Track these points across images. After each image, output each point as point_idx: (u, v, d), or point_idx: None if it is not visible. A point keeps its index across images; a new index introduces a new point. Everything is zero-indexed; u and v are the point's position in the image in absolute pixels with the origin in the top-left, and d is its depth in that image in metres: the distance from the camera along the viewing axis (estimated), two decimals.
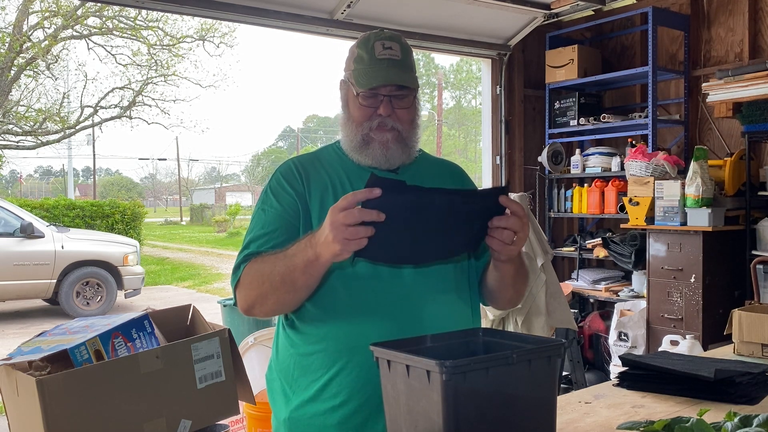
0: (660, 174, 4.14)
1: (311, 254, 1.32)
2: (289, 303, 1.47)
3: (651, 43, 4.38)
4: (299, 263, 1.35)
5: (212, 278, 13.23)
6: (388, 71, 1.50)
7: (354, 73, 1.53)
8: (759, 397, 1.60)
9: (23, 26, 14.21)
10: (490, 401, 1.11)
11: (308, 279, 1.37)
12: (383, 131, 1.52)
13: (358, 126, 1.53)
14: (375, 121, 1.51)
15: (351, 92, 1.54)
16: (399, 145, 1.53)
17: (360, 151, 1.54)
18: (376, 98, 1.51)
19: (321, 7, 4.02)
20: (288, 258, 1.37)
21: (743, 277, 3.89)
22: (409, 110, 1.54)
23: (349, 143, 1.56)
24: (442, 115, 29.77)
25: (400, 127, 1.52)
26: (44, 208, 13.37)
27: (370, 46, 1.52)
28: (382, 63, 1.50)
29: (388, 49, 1.51)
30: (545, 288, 3.68)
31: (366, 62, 1.51)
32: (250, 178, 47.02)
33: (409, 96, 1.54)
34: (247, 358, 3.23)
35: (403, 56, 1.53)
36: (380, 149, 1.52)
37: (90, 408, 1.67)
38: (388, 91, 1.50)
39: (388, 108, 1.51)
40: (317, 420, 1.49)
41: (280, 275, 1.38)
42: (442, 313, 1.50)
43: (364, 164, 1.55)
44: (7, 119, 14.84)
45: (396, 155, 1.53)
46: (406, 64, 1.53)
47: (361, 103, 1.52)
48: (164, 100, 17.45)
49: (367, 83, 1.49)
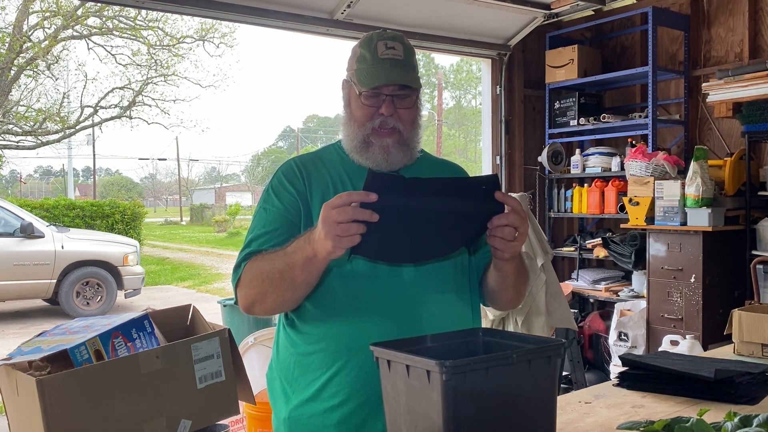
0: (660, 174, 4.14)
1: (309, 251, 1.32)
2: (289, 300, 1.47)
3: (651, 43, 4.39)
4: (298, 260, 1.35)
5: (212, 278, 13.23)
6: (391, 71, 1.50)
7: (356, 72, 1.53)
8: (759, 397, 1.60)
9: (23, 26, 14.22)
10: (490, 401, 1.11)
11: (307, 276, 1.38)
12: (384, 135, 1.51)
13: (360, 126, 1.53)
14: (377, 120, 1.51)
15: (353, 92, 1.54)
16: (400, 147, 1.53)
17: (360, 153, 1.54)
18: (378, 98, 1.51)
19: (321, 7, 4.02)
20: (287, 255, 1.38)
21: (743, 277, 3.89)
22: (411, 110, 1.55)
23: (350, 143, 1.56)
24: (442, 115, 29.76)
25: (401, 127, 1.52)
26: (44, 208, 13.37)
27: (372, 46, 1.52)
28: (384, 63, 1.50)
29: (391, 49, 1.52)
30: (545, 288, 3.68)
31: (369, 62, 1.51)
32: (250, 178, 47.03)
33: (412, 96, 1.54)
34: (247, 358, 3.23)
35: (405, 56, 1.53)
36: (381, 153, 1.52)
37: (90, 408, 1.67)
38: (391, 90, 1.50)
39: (390, 108, 1.51)
40: (317, 419, 1.49)
41: (280, 272, 1.39)
42: (441, 313, 1.50)
43: (365, 165, 1.55)
44: (7, 119, 14.84)
45: (397, 158, 1.53)
46: (409, 64, 1.53)
47: (363, 103, 1.52)
48: (164, 100, 17.49)
49: (369, 83, 1.49)
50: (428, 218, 1.29)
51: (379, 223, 1.23)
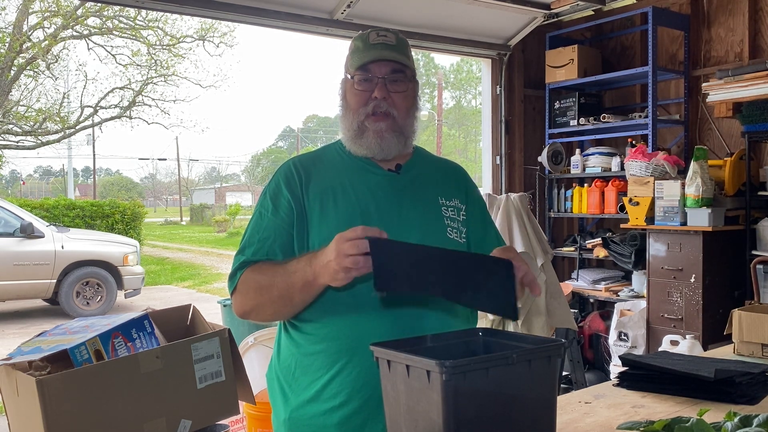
0: (660, 174, 4.14)
1: (309, 275, 1.36)
2: (286, 314, 1.52)
3: (651, 43, 4.38)
4: (297, 282, 1.39)
5: (212, 278, 13.23)
6: (382, 51, 1.53)
7: (350, 61, 1.57)
8: (759, 397, 1.60)
9: (23, 26, 14.21)
10: (490, 401, 1.11)
11: (305, 296, 1.42)
12: (378, 119, 1.53)
13: (354, 113, 1.56)
14: (370, 105, 1.54)
15: (348, 83, 1.58)
16: (394, 134, 1.55)
17: (355, 141, 1.56)
18: (371, 82, 1.54)
19: (321, 7, 4.02)
20: (287, 275, 1.41)
21: (743, 277, 3.89)
22: (405, 96, 1.57)
23: (346, 133, 1.58)
24: (442, 115, 29.73)
25: (395, 112, 1.54)
26: (44, 208, 13.36)
27: (365, 37, 1.57)
28: (376, 46, 1.55)
29: (383, 36, 1.56)
30: (545, 288, 3.69)
31: (361, 49, 1.56)
32: (250, 178, 47.05)
33: (404, 80, 1.56)
34: (247, 358, 3.23)
35: (397, 43, 1.57)
36: (374, 138, 1.54)
37: (90, 408, 1.67)
38: (383, 73, 1.53)
39: (383, 90, 1.53)
40: (317, 420, 1.49)
41: (278, 290, 1.43)
42: (442, 313, 1.50)
43: (360, 155, 1.57)
44: (7, 119, 14.84)
45: (391, 145, 1.55)
46: (401, 49, 1.57)
47: (356, 88, 1.55)
48: (164, 100, 17.46)
49: (359, 61, 1.53)
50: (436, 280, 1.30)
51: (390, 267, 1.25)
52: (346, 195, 1.53)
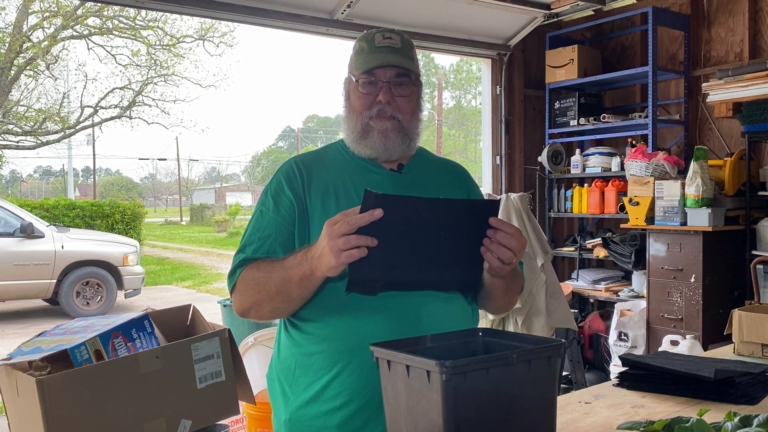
0: (660, 174, 4.14)
1: (306, 269, 1.35)
2: (284, 311, 1.50)
3: (651, 43, 4.38)
4: (295, 276, 1.38)
5: (212, 278, 13.23)
6: (387, 55, 1.52)
7: (354, 62, 1.56)
8: (759, 397, 1.60)
9: (23, 26, 14.21)
10: (490, 401, 1.11)
11: (303, 291, 1.40)
12: (383, 119, 1.53)
13: (358, 115, 1.55)
14: (374, 108, 1.53)
15: (352, 84, 1.56)
16: (398, 135, 1.54)
17: (359, 142, 1.55)
18: (375, 86, 1.53)
19: (321, 7, 4.02)
20: (284, 270, 1.40)
21: (743, 277, 3.89)
22: (410, 100, 1.56)
23: (350, 134, 1.57)
24: (442, 115, 29.74)
25: (399, 116, 1.54)
26: (44, 208, 13.35)
27: (370, 38, 1.56)
28: (381, 49, 1.53)
29: (388, 39, 1.54)
30: (545, 288, 3.69)
31: (366, 51, 1.54)
32: (250, 178, 47.06)
33: (409, 85, 1.55)
34: (247, 358, 3.23)
35: (403, 46, 1.55)
36: (379, 139, 1.53)
37: (90, 408, 1.67)
38: (388, 77, 1.52)
39: (387, 95, 1.52)
40: (318, 421, 1.48)
41: (276, 286, 1.42)
42: (442, 313, 1.50)
43: (364, 155, 1.56)
44: (7, 119, 14.84)
45: (395, 145, 1.54)
46: (407, 53, 1.55)
47: (360, 91, 1.54)
48: (164, 100, 17.46)
49: (365, 66, 1.52)
50: (426, 240, 1.29)
51: (378, 244, 1.24)
52: (347, 194, 1.53)
